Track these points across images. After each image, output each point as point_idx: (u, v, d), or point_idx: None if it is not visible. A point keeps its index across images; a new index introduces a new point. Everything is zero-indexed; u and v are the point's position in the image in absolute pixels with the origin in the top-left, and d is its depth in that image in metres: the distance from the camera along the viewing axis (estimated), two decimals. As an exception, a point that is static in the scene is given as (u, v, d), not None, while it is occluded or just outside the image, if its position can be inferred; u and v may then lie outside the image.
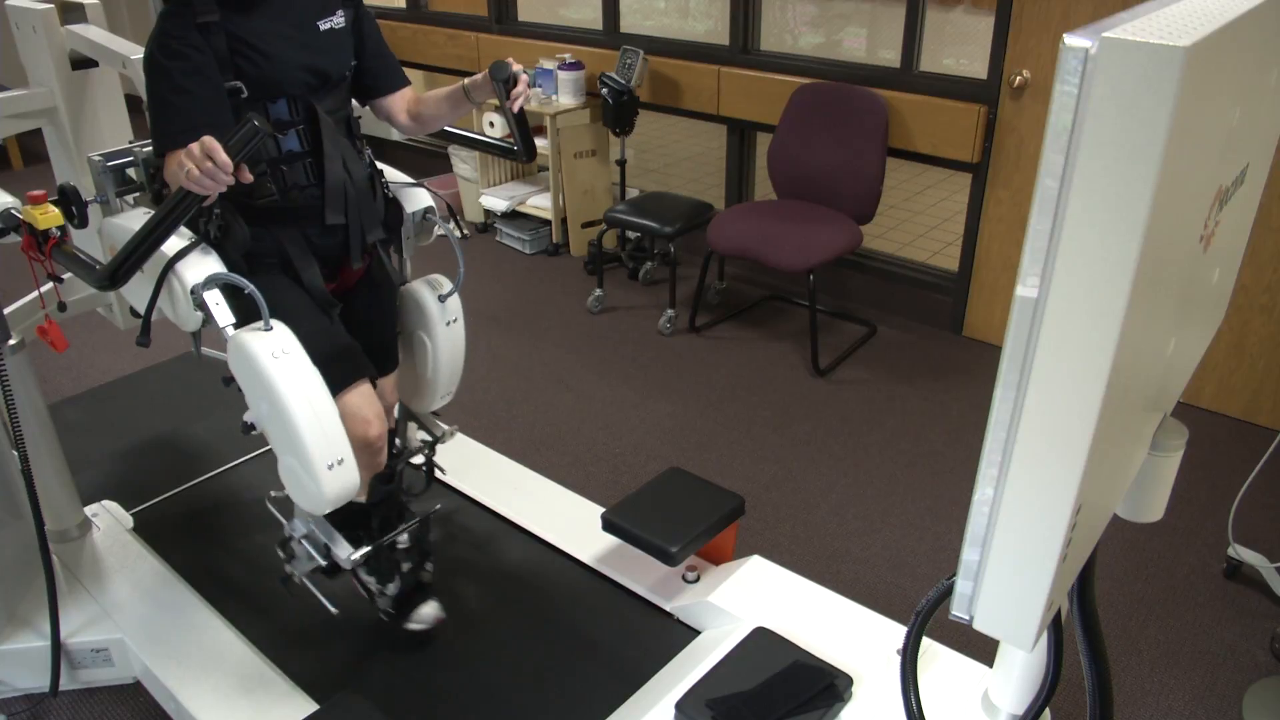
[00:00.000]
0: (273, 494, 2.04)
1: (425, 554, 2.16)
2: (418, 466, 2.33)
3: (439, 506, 2.25)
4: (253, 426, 1.82)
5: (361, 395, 1.89)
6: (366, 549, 1.97)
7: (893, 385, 3.56)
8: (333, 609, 2.05)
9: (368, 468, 1.95)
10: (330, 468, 1.73)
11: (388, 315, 2.12)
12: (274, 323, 1.71)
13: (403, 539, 2.09)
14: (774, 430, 3.27)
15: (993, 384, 0.73)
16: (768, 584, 2.19)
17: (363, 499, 2.03)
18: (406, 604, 2.12)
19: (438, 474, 2.37)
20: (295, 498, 1.83)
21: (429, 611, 2.12)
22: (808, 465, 3.09)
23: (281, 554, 2.11)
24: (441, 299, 2.12)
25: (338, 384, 1.81)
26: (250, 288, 1.69)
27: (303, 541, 2.03)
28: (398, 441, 2.26)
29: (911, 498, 2.92)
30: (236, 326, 1.75)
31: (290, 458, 1.75)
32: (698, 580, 2.25)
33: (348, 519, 2.02)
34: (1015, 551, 0.76)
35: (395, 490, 2.12)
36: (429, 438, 2.30)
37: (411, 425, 2.35)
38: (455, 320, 2.16)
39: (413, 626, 2.12)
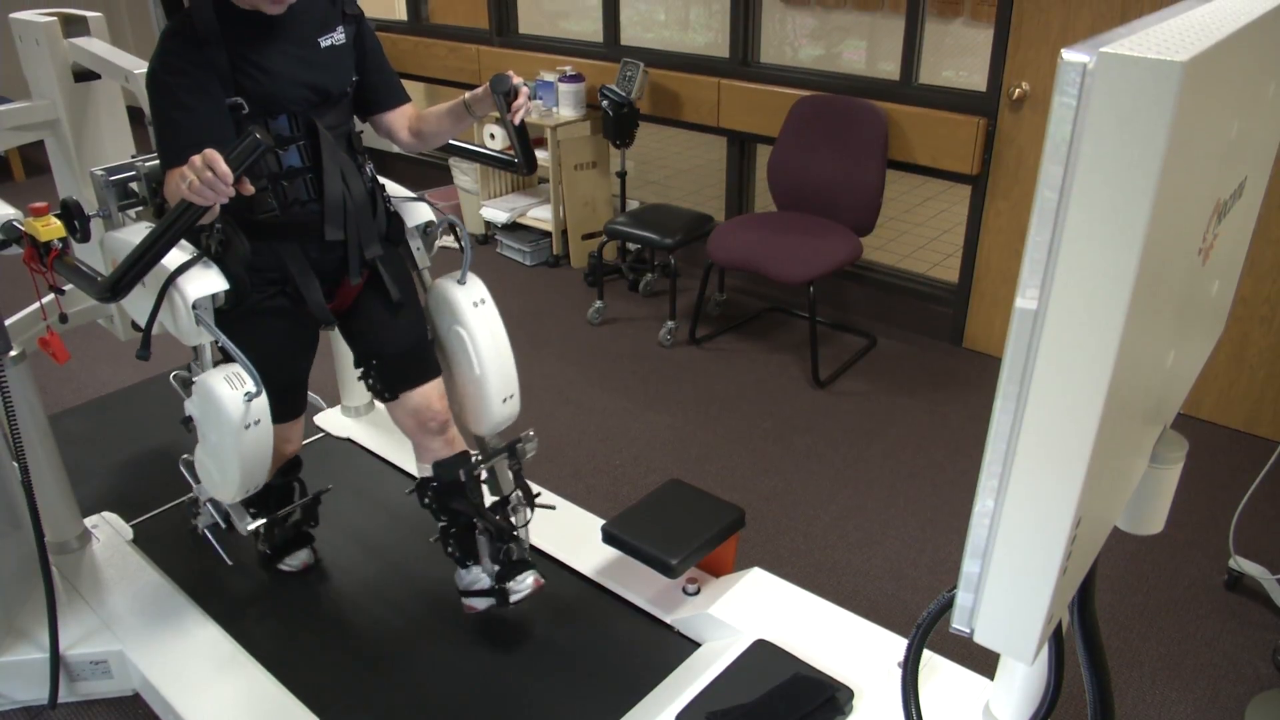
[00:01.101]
0: (185, 457, 2.17)
1: (312, 521, 2.38)
2: (523, 505, 2.26)
3: (330, 487, 2.40)
4: (192, 421, 1.94)
5: (295, 426, 2.13)
6: (261, 521, 2.16)
7: (893, 397, 3.56)
8: (228, 560, 2.36)
9: (278, 463, 2.13)
10: (246, 490, 1.93)
11: (402, 320, 2.07)
12: (259, 392, 1.80)
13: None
14: (774, 442, 3.27)
15: (993, 396, 0.73)
16: (768, 596, 2.19)
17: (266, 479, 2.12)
18: (284, 549, 2.37)
19: (541, 504, 2.30)
20: (201, 480, 2.02)
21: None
22: (808, 477, 3.08)
23: (188, 510, 2.36)
24: (460, 282, 2.10)
25: (281, 417, 1.98)
26: (224, 339, 1.79)
27: (208, 504, 2.21)
28: (482, 473, 2.20)
29: (912, 510, 2.92)
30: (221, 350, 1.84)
31: (213, 467, 1.91)
32: (698, 592, 2.25)
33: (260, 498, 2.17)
34: (1015, 564, 0.76)
35: (292, 477, 2.26)
36: (509, 456, 2.22)
37: (499, 463, 2.25)
38: (483, 301, 2.11)
39: (284, 567, 2.38)
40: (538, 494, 2.31)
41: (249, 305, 1.87)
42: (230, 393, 1.75)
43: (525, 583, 2.14)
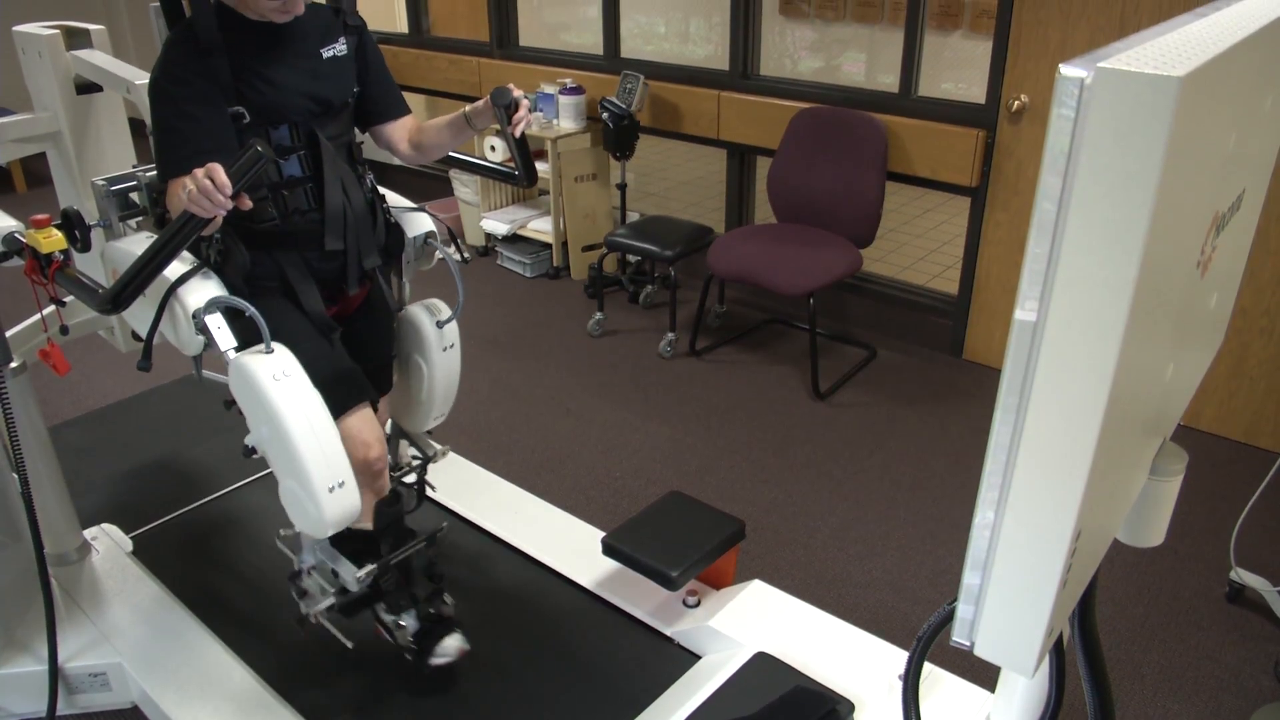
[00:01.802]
0: (281, 532, 2.04)
1: (438, 580, 2.11)
2: (409, 485, 2.31)
3: (445, 525, 2.20)
4: (254, 450, 1.82)
5: (362, 419, 1.90)
6: (371, 566, 1.95)
7: (893, 408, 3.56)
8: (348, 643, 2.04)
9: (369, 490, 1.95)
10: (331, 490, 1.73)
11: (384, 338, 2.13)
12: (275, 345, 1.71)
13: (413, 564, 2.07)
14: (774, 454, 3.27)
15: (993, 407, 0.73)
16: (769, 608, 2.18)
17: (368, 525, 2.02)
18: (428, 638, 2.05)
19: (431, 493, 2.36)
20: (296, 522, 1.83)
21: (452, 644, 2.05)
22: (808, 489, 3.08)
23: (294, 593, 2.08)
24: (440, 325, 2.13)
25: (338, 407, 1.82)
26: (251, 309, 1.69)
27: (312, 573, 2.02)
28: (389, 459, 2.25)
29: (912, 521, 2.92)
30: (238, 350, 1.75)
31: (291, 480, 1.75)
32: (698, 605, 2.24)
33: (356, 549, 2.00)
34: (1015, 577, 0.76)
35: (400, 514, 2.09)
36: (421, 456, 2.29)
37: (403, 443, 2.34)
38: (452, 346, 2.16)
39: (436, 661, 2.04)
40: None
41: (261, 304, 1.83)
42: (250, 357, 1.70)
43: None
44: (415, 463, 2.29)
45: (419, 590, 2.07)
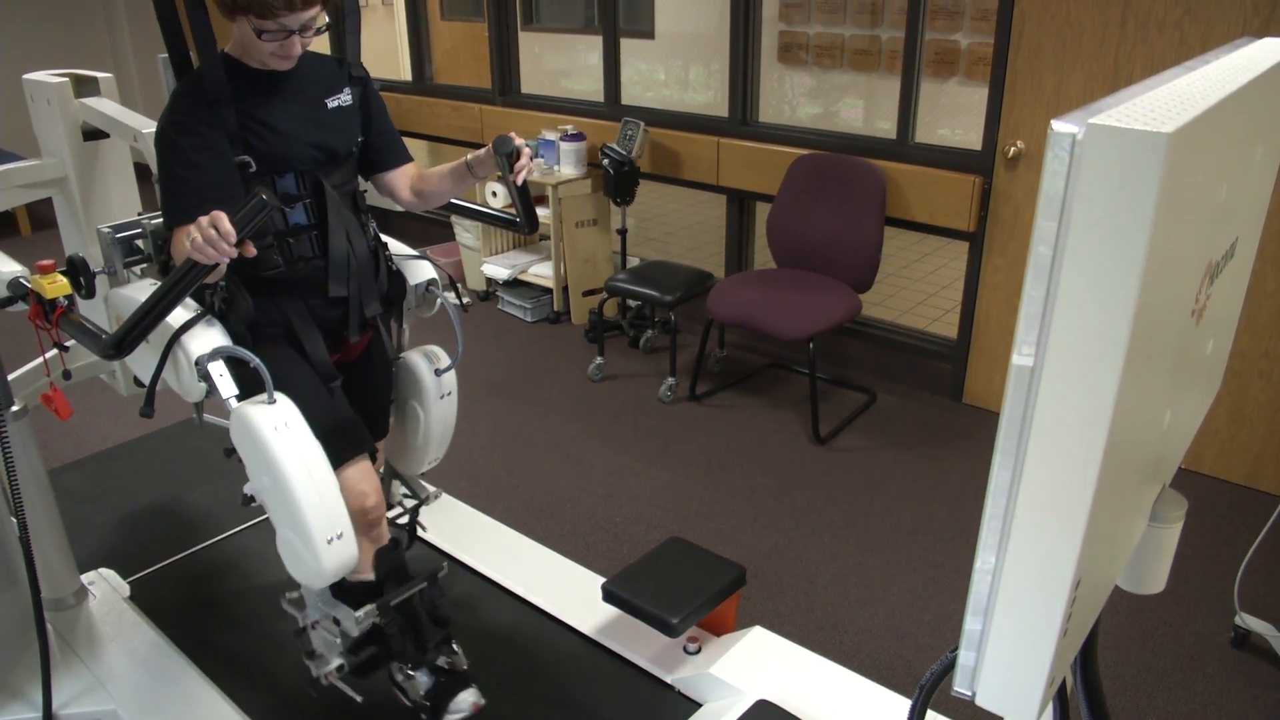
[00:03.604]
0: (288, 595, 2.02)
1: (444, 624, 2.06)
2: (401, 526, 2.29)
3: (445, 566, 2.14)
4: (252, 499, 1.82)
5: (361, 470, 1.89)
6: (370, 607, 1.92)
7: (893, 453, 3.55)
8: (358, 698, 2.00)
9: (367, 539, 1.94)
10: (329, 541, 1.73)
11: (382, 385, 2.14)
12: (277, 395, 1.72)
13: (417, 609, 2.02)
14: (775, 499, 3.26)
15: (993, 451, 0.74)
16: (770, 655, 2.17)
17: (368, 576, 2.00)
18: (441, 695, 2.01)
19: (424, 534, 2.35)
20: (293, 571, 1.81)
21: (466, 699, 2.01)
22: (809, 534, 3.07)
23: (304, 655, 2.04)
24: (438, 373, 2.13)
25: (338, 458, 1.81)
26: (255, 360, 1.70)
27: (318, 627, 2.00)
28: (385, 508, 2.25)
29: (914, 567, 2.90)
30: (240, 398, 1.76)
31: (289, 531, 1.75)
32: (699, 652, 2.23)
33: (359, 598, 1.97)
34: (1016, 624, 0.76)
35: (401, 559, 2.06)
36: (414, 499, 2.29)
37: (395, 484, 2.34)
38: (449, 394, 2.17)
39: (451, 718, 2.01)
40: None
41: (263, 352, 1.84)
42: (252, 407, 1.70)
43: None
44: (408, 503, 2.29)
45: (427, 638, 2.03)
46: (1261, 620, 2.53)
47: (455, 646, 2.08)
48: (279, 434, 1.69)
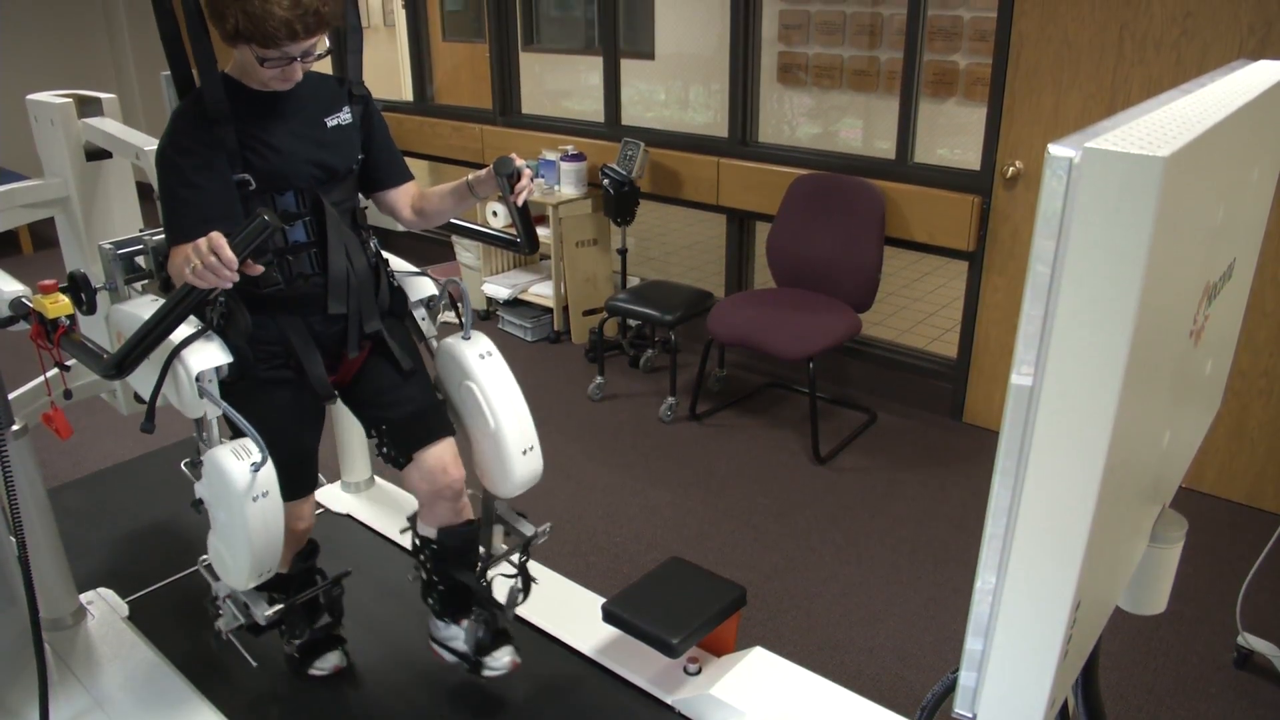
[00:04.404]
0: (204, 558, 2.07)
1: (337, 612, 2.27)
2: (510, 576, 2.22)
3: (350, 572, 2.26)
4: (203, 503, 1.89)
5: (306, 503, 2.04)
6: (279, 607, 2.04)
7: (894, 472, 3.55)
8: (253, 661, 2.29)
9: (291, 546, 2.06)
10: (260, 575, 1.85)
11: (409, 384, 2.06)
12: (264, 461, 1.76)
13: (320, 602, 2.22)
14: (775, 519, 3.26)
15: (993, 471, 0.74)
16: (770, 676, 2.16)
17: (284, 569, 2.08)
18: (312, 651, 2.28)
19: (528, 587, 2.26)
20: (216, 568, 1.94)
21: (332, 659, 2.27)
22: (809, 554, 3.06)
23: (210, 610, 2.17)
24: (465, 338, 2.09)
25: (291, 494, 1.91)
26: (243, 422, 1.75)
27: (227, 600, 2.10)
28: (480, 548, 2.19)
29: (915, 587, 2.89)
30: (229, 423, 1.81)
31: (225, 551, 1.85)
32: (699, 672, 2.22)
33: (270, 586, 2.08)
34: (1017, 645, 0.75)
35: (312, 566, 2.20)
36: (519, 537, 2.21)
37: (497, 529, 2.24)
38: (490, 353, 2.10)
39: (314, 672, 2.28)
40: (534, 579, 2.26)
41: (252, 378, 1.88)
42: (237, 464, 1.74)
43: (502, 661, 2.15)
44: (509, 541, 2.23)
45: (318, 619, 2.23)
46: (1264, 640, 2.52)
47: (340, 619, 2.29)
48: (256, 504, 1.76)
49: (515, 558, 2.22)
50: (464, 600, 2.17)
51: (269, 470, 1.76)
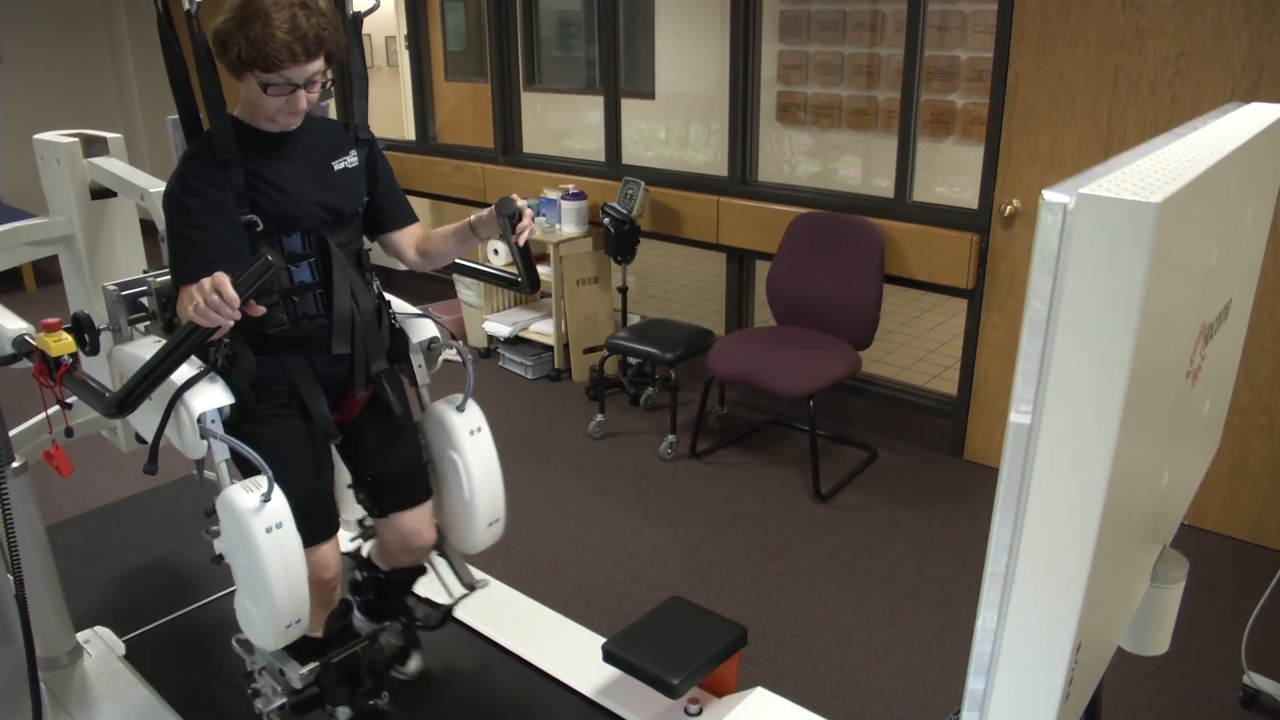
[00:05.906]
0: (237, 637, 2.04)
1: (379, 679, 2.13)
2: (438, 605, 2.27)
3: (387, 626, 2.23)
4: (223, 557, 1.87)
5: (329, 548, 1.98)
6: (314, 665, 1.98)
7: (895, 510, 3.54)
8: None
9: (321, 605, 1.99)
10: (288, 626, 1.81)
11: (402, 442, 2.11)
12: (275, 492, 1.75)
13: (360, 664, 2.11)
14: (776, 557, 3.24)
15: (993, 508, 0.74)
16: (772, 716, 2.14)
17: (318, 634, 2.03)
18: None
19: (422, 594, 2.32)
20: (246, 631, 1.89)
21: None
22: (810, 593, 3.04)
23: (249, 693, 2.11)
24: (459, 409, 2.13)
25: (311, 538, 1.88)
26: (259, 460, 1.74)
27: (263, 674, 2.05)
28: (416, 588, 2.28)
29: (916, 626, 2.88)
30: (238, 464, 1.79)
31: (251, 604, 1.81)
32: (700, 713, 2.20)
33: (304, 653, 2.01)
34: (1018, 686, 0.75)
35: (349, 625, 2.14)
36: (462, 589, 2.26)
37: (444, 569, 2.29)
38: (480, 429, 2.14)
39: None
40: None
41: (259, 419, 1.88)
42: (246, 496, 1.72)
43: (411, 667, 2.29)
44: (454, 587, 2.28)
45: (361, 687, 2.10)
46: (1270, 679, 2.50)
47: (385, 695, 2.14)
48: (269, 535, 1.74)
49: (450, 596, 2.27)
50: (387, 611, 2.25)
51: (280, 501, 1.75)
